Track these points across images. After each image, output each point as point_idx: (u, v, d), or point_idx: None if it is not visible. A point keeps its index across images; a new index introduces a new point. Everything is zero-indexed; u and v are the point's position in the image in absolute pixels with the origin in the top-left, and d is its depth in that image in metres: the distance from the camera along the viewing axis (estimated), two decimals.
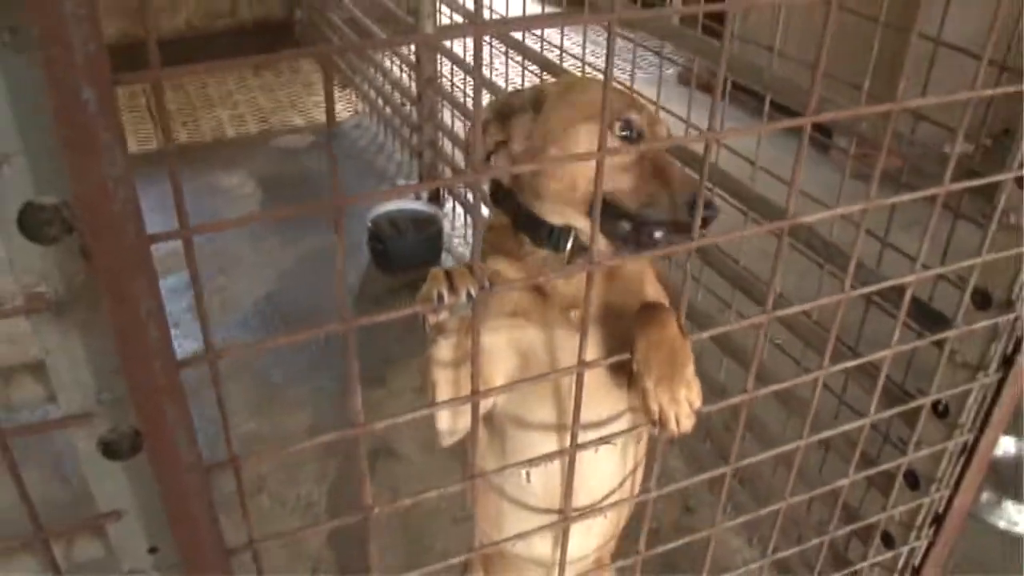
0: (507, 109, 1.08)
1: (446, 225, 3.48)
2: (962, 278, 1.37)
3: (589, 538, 1.25)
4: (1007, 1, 1.02)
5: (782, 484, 1.35)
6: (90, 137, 0.59)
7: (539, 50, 2.67)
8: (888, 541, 1.65)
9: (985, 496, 2.31)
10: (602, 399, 1.12)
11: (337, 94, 4.59)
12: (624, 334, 0.99)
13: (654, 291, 1.14)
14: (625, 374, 1.09)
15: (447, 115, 3.49)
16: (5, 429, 0.76)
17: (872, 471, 1.46)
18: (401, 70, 3.78)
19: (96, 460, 0.81)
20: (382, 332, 2.87)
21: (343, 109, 4.43)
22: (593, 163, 1.00)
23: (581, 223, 1.07)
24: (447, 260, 3.37)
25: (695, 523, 2.30)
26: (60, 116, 0.58)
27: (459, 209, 3.60)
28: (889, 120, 1.04)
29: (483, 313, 1.05)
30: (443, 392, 1.04)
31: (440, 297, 0.86)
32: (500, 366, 1.09)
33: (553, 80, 1.15)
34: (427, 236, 3.29)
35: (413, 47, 3.40)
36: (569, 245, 1.08)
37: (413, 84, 3.61)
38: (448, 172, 3.58)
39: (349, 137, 4.25)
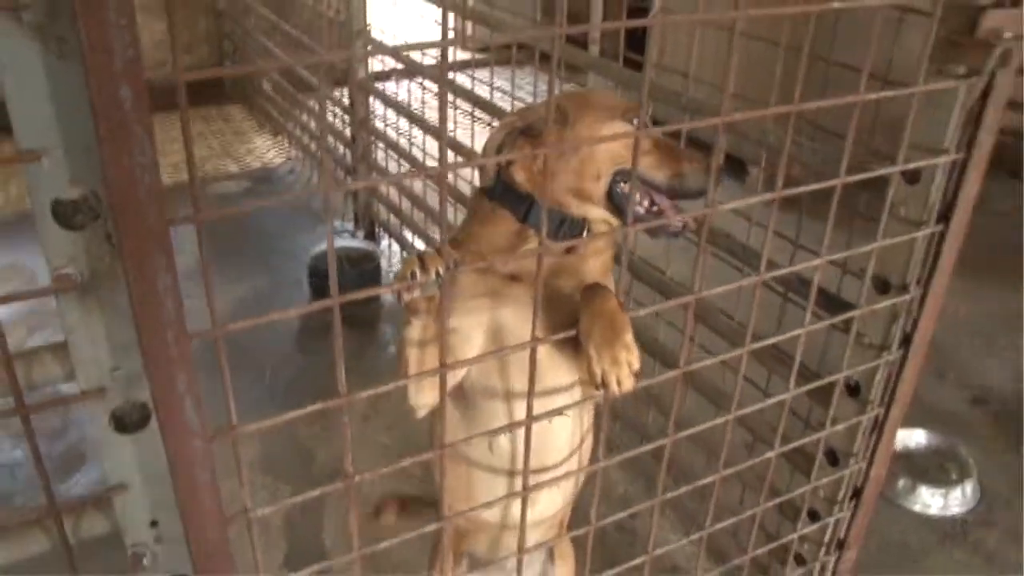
0: (532, 126, 1.24)
1: (383, 262, 3.59)
2: (863, 270, 1.53)
3: (558, 494, 1.38)
4: (880, 24, 1.19)
5: (718, 480, 1.50)
6: (125, 130, 0.70)
7: (470, 87, 2.83)
8: (814, 516, 1.79)
9: (902, 483, 2.49)
10: (568, 369, 1.27)
11: (269, 141, 4.69)
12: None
13: (609, 280, 1.29)
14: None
15: (380, 155, 3.62)
16: (29, 405, 0.85)
17: (793, 445, 1.61)
18: (334, 115, 3.90)
19: (107, 434, 0.90)
20: (326, 368, 2.94)
21: (276, 155, 4.52)
22: (612, 155, 1.20)
23: (596, 212, 1.27)
24: (387, 296, 3.48)
25: (636, 525, 2.43)
26: (100, 112, 0.68)
27: (395, 246, 3.71)
28: (789, 124, 1.21)
29: (452, 291, 1.19)
30: (412, 368, 1.16)
31: (413, 275, 0.98)
32: (470, 345, 1.23)
33: (560, 95, 1.31)
34: (365, 271, 3.39)
35: (346, 91, 3.53)
36: (585, 232, 1.28)
37: (347, 127, 3.73)
38: (383, 210, 3.69)
39: (284, 182, 4.34)
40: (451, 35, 3.37)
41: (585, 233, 1.28)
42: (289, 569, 2.27)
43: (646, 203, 1.27)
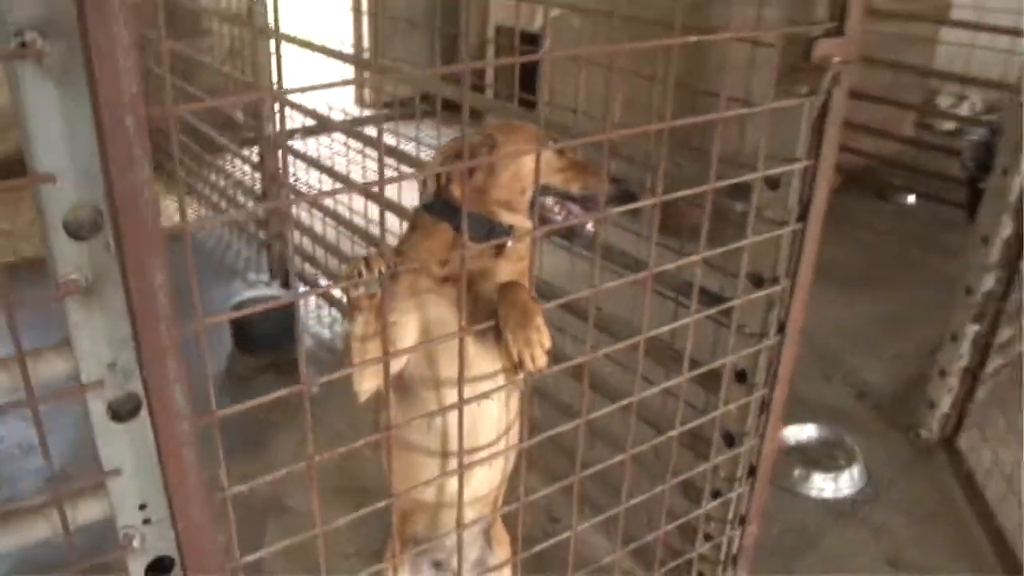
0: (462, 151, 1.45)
1: (300, 309, 3.71)
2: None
3: (493, 471, 1.55)
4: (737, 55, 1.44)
5: (632, 480, 1.70)
6: (128, 152, 0.86)
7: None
8: (717, 496, 2.00)
9: (797, 472, 2.74)
10: (493, 358, 1.46)
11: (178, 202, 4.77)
12: None
13: (525, 282, 1.49)
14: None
15: (292, 208, 3.77)
16: (37, 396, 0.98)
17: (692, 425, 1.82)
18: (243, 172, 4.03)
19: (104, 423, 1.04)
20: (251, 418, 3.04)
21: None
22: (534, 173, 1.38)
23: (522, 221, 1.49)
24: (304, 339, 3.61)
25: (560, 530, 2.60)
26: (109, 138, 0.85)
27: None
28: (664, 140, 1.43)
29: (392, 289, 1.37)
30: (356, 359, 1.34)
31: (359, 273, 1.16)
32: (407, 338, 1.40)
33: (491, 126, 1.52)
34: (282, 317, 3.52)
35: (256, 148, 3.68)
36: (509, 238, 1.48)
37: (257, 183, 3.87)
38: (298, 260, 3.82)
39: (195, 239, 4.42)
40: (352, 88, 3.56)
41: (510, 240, 1.49)
42: None
43: (564, 213, 1.49)
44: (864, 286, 4.16)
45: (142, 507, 1.12)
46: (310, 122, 3.35)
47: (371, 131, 3.51)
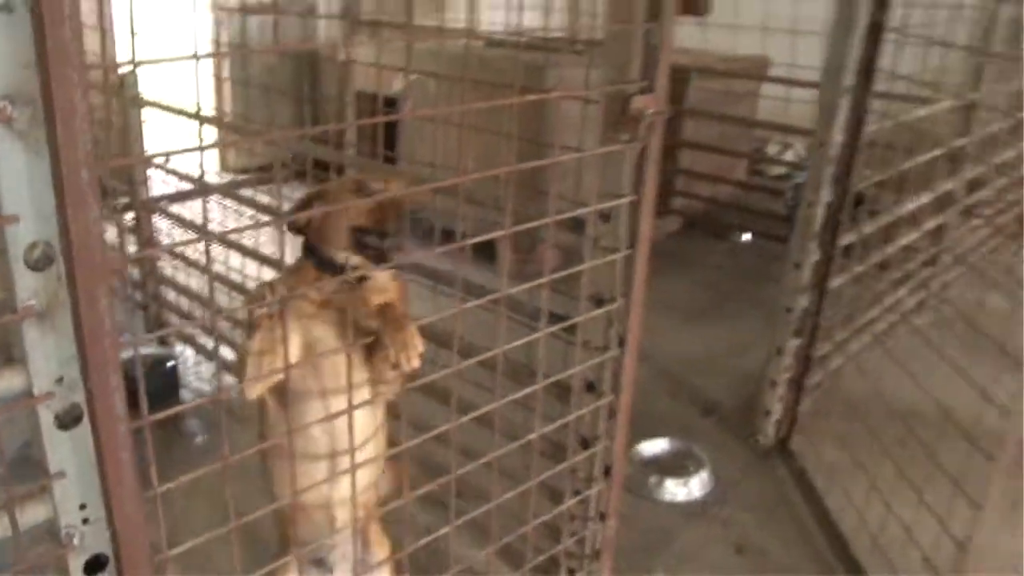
0: (309, 202, 1.72)
1: (180, 365, 3.83)
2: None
3: (362, 474, 1.77)
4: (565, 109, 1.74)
5: (500, 490, 1.95)
6: (83, 197, 1.07)
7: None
8: (578, 494, 2.28)
9: (652, 480, 3.06)
10: (361, 369, 1.71)
11: None
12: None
13: (401, 301, 1.73)
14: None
15: (169, 270, 3.90)
16: None
17: (549, 428, 2.09)
18: (120, 235, 4.13)
19: (52, 431, 1.22)
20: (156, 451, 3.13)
21: None
22: (346, 217, 1.60)
23: (351, 257, 1.69)
24: (185, 395, 3.72)
25: (439, 545, 2.82)
26: (67, 187, 1.06)
27: (188, 351, 3.96)
28: (510, 185, 1.72)
29: (288, 311, 1.59)
30: (251, 369, 1.56)
31: (263, 296, 1.39)
32: (292, 352, 1.62)
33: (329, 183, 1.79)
34: (164, 373, 3.63)
35: (132, 214, 3.81)
36: (350, 271, 1.69)
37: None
38: (176, 320, 3.94)
39: None
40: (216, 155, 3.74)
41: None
42: None
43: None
44: (706, 317, 4.61)
45: (82, 507, 1.29)
46: (185, 186, 3.51)
47: (244, 193, 3.70)
